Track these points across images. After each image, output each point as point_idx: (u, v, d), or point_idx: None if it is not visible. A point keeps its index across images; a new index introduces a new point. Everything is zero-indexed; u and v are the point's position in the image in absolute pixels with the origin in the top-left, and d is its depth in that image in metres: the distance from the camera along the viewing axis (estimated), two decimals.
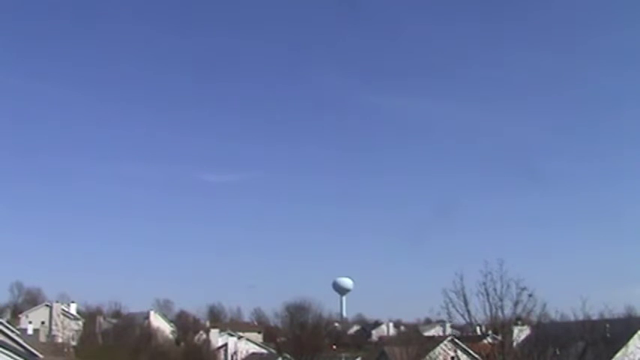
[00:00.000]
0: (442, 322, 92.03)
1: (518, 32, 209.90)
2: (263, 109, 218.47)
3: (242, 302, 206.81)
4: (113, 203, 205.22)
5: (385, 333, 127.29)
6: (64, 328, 77.98)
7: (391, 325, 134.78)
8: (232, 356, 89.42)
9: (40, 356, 37.28)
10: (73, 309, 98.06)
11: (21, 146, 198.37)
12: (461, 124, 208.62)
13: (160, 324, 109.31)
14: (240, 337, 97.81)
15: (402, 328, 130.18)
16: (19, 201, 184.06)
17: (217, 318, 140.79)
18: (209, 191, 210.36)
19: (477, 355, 46.78)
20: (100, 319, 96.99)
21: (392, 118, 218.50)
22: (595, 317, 39.96)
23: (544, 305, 32.28)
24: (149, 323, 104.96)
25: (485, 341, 42.10)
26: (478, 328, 48.69)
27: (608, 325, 40.90)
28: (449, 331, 74.69)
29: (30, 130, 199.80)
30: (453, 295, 30.37)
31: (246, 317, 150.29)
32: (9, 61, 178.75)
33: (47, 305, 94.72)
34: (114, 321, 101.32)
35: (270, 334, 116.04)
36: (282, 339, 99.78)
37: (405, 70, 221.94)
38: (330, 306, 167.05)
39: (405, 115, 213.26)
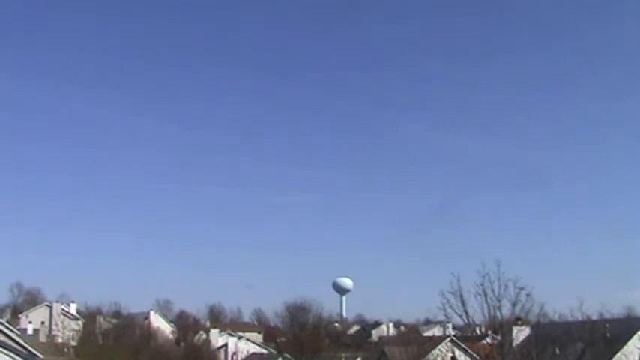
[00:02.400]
0: (442, 322, 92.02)
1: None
2: None
3: (242, 302, 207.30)
4: (112, 203, 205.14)
5: (385, 333, 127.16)
6: (64, 328, 78.05)
7: (391, 325, 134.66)
8: (232, 356, 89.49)
9: (40, 356, 37.31)
10: (73, 309, 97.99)
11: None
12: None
13: (160, 324, 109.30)
14: (240, 337, 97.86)
15: (402, 328, 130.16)
16: (19, 201, 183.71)
17: (217, 318, 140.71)
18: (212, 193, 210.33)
19: (476, 355, 46.78)
20: (100, 319, 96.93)
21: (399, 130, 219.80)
22: (594, 317, 39.97)
23: (542, 305, 32.35)
24: (149, 323, 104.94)
25: (484, 341, 42.10)
26: (478, 329, 48.72)
27: (607, 325, 40.87)
28: (449, 331, 74.62)
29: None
30: (450, 296, 30.38)
31: (246, 317, 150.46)
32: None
33: (47, 305, 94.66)
34: (114, 321, 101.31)
35: (270, 334, 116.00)
36: (282, 339, 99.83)
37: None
38: (330, 306, 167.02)
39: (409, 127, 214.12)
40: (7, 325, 41.52)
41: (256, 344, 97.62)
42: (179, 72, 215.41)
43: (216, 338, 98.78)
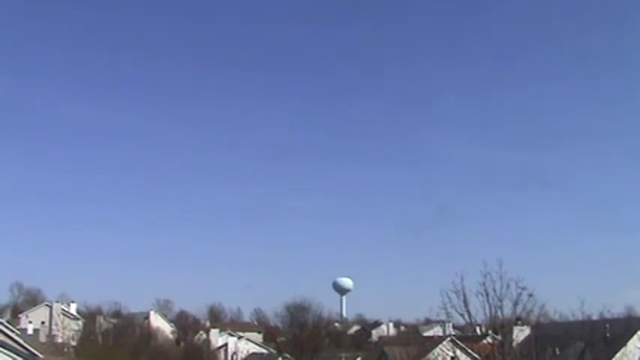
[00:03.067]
0: (442, 323, 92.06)
1: None
2: None
3: (242, 302, 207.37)
4: (112, 203, 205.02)
5: (385, 333, 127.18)
6: (64, 328, 78.09)
7: (391, 325, 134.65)
8: (232, 356, 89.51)
9: (40, 356, 37.39)
10: (73, 309, 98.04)
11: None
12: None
13: (160, 324, 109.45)
14: (240, 337, 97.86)
15: (402, 328, 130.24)
16: (19, 200, 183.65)
17: (217, 318, 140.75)
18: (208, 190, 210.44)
19: (476, 355, 46.79)
20: (100, 319, 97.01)
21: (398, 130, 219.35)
22: (595, 317, 40.00)
23: (543, 305, 32.34)
24: (149, 323, 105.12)
25: (485, 341, 42.09)
26: (478, 328, 48.69)
27: (607, 326, 40.93)
28: (449, 331, 74.60)
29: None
30: (452, 296, 30.35)
31: (246, 317, 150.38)
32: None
33: (47, 305, 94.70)
34: (114, 321, 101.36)
35: (270, 334, 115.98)
36: (282, 339, 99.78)
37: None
38: (330, 306, 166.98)
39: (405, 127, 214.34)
40: (7, 325, 41.64)
41: (256, 344, 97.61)
42: (182, 71, 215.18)
43: (216, 338, 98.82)
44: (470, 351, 48.85)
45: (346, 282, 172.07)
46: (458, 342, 50.11)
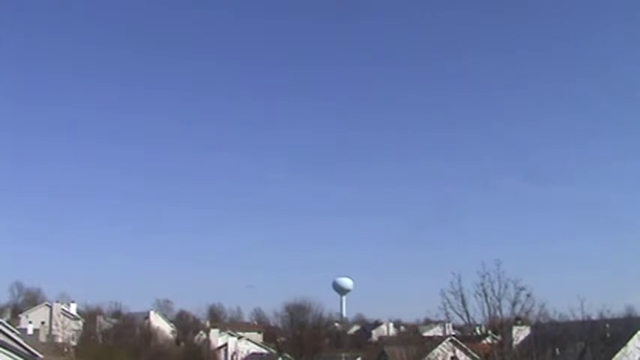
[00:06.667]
0: (442, 323, 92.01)
1: None
2: None
3: (242, 302, 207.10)
4: (112, 202, 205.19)
5: (385, 333, 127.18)
6: (64, 328, 78.09)
7: (391, 325, 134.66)
8: (232, 356, 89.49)
9: (41, 356, 37.42)
10: (73, 309, 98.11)
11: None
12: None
13: (160, 324, 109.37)
14: (240, 337, 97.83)
15: (402, 328, 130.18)
16: (20, 201, 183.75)
17: (217, 318, 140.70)
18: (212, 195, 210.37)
19: (476, 355, 46.77)
20: (100, 319, 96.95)
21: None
22: (595, 317, 39.98)
23: (542, 305, 32.41)
24: (149, 323, 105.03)
25: (484, 341, 42.10)
26: (478, 329, 48.65)
27: (607, 325, 40.92)
28: (449, 331, 74.59)
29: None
30: (450, 296, 30.43)
31: (246, 317, 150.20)
32: None
33: (47, 305, 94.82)
34: (114, 321, 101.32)
35: (270, 334, 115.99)
36: (282, 339, 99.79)
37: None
38: (330, 306, 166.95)
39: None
40: (7, 325, 41.64)
41: (256, 344, 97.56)
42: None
43: (216, 338, 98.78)
44: (470, 351, 48.84)
45: (346, 282, 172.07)
46: (458, 342, 50.11)
